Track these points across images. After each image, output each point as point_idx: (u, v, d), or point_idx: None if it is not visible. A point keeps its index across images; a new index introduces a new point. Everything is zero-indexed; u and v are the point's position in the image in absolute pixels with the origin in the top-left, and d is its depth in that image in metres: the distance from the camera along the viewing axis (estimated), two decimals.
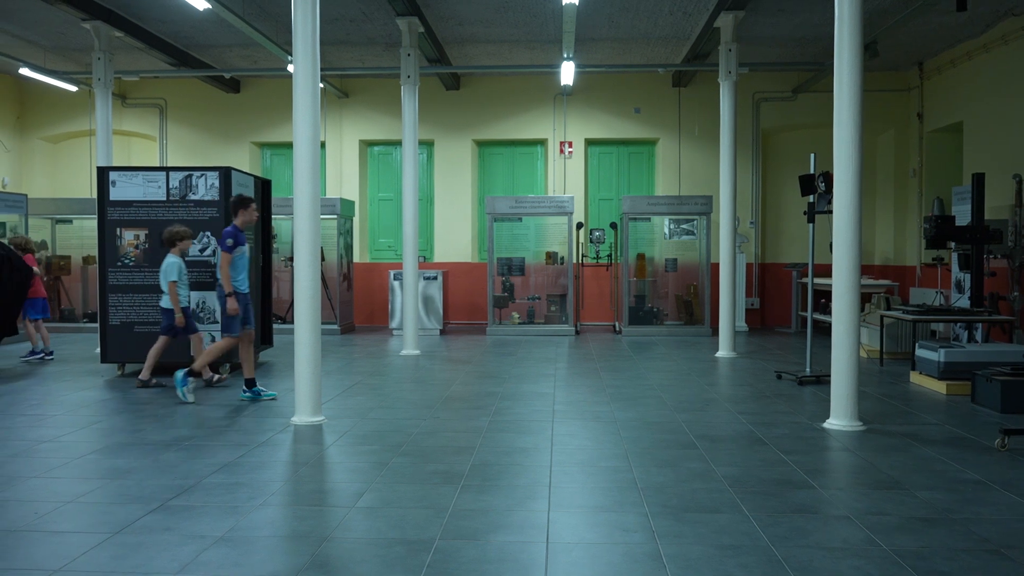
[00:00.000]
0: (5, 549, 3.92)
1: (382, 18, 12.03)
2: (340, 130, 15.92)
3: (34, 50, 13.82)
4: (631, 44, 13.54)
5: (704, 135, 15.44)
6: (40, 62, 14.18)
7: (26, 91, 16.26)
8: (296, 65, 6.87)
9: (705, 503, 4.64)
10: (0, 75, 15.09)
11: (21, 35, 13.01)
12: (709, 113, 15.08)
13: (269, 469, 5.38)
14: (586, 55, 14.18)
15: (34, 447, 5.97)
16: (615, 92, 15.61)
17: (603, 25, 12.46)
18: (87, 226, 15.03)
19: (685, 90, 15.53)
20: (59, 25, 12.39)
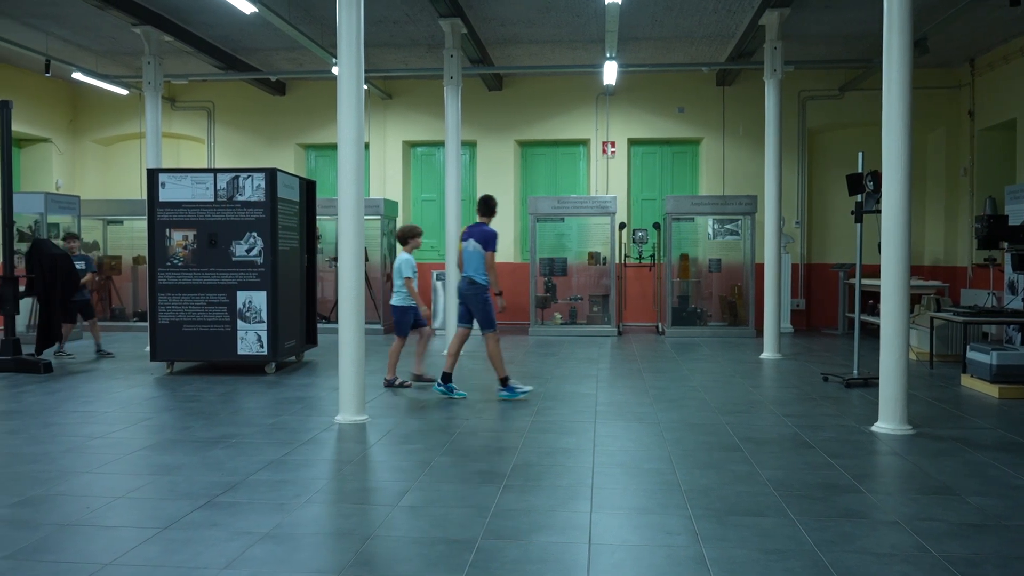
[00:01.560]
0: (59, 542, 4.01)
1: (425, 20, 12.09)
2: (384, 131, 16.04)
3: (86, 55, 14.14)
4: (674, 43, 13.45)
5: (749, 134, 15.28)
6: (92, 67, 14.50)
7: (79, 95, 16.64)
8: (340, 67, 6.94)
9: (749, 506, 4.59)
10: (54, 80, 15.46)
11: (74, 40, 13.33)
12: (754, 112, 14.92)
13: (314, 467, 5.44)
14: (629, 54, 14.12)
15: (86, 443, 6.11)
16: (658, 91, 15.52)
17: (646, 24, 12.39)
18: (137, 227, 15.33)
19: (729, 89, 15.38)
20: (110, 30, 12.66)
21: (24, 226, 13.37)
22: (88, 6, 11.16)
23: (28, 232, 13.38)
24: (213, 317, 9.41)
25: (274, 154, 16.19)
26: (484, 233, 8.07)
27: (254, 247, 9.37)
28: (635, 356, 11.25)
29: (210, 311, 9.42)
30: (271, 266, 9.35)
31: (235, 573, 3.62)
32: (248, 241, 9.37)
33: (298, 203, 10.27)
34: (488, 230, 8.09)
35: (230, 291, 9.39)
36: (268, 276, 9.36)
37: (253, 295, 9.41)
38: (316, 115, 16.15)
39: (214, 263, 9.40)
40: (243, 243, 9.37)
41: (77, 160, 16.81)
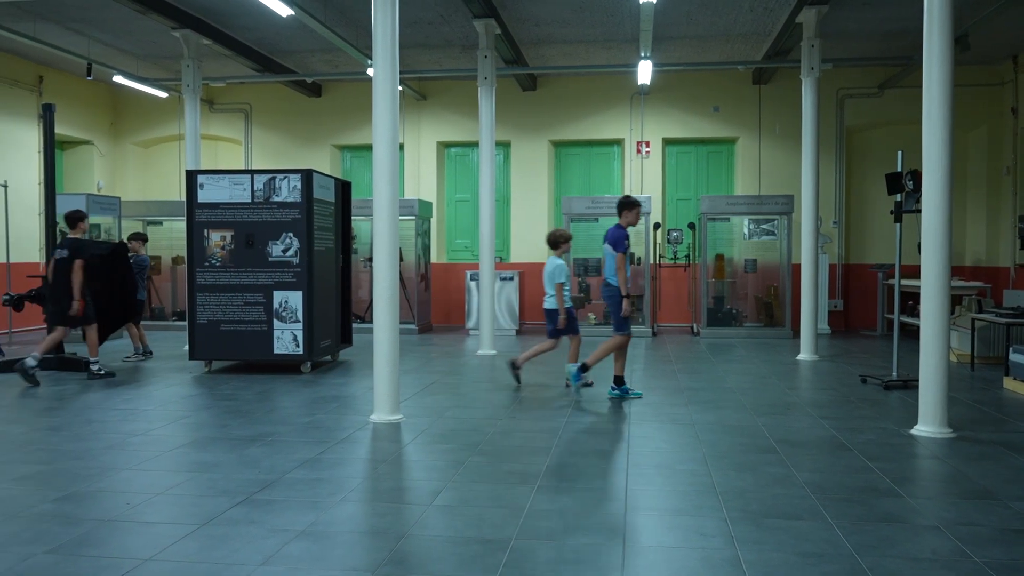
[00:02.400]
0: (100, 537, 4.08)
1: (459, 20, 12.13)
2: (418, 132, 16.12)
3: (127, 58, 14.37)
4: (710, 42, 13.35)
5: (785, 133, 15.12)
6: (133, 70, 14.74)
7: (120, 98, 16.92)
8: (376, 69, 6.99)
9: (786, 509, 4.54)
10: (96, 83, 15.74)
11: (115, 44, 13.56)
12: (791, 111, 14.76)
13: (349, 466, 5.48)
14: (664, 54, 14.04)
15: (127, 440, 6.21)
16: (693, 91, 15.42)
17: (681, 23, 12.32)
18: (176, 227, 15.56)
19: (766, 87, 15.24)
20: (150, 34, 12.86)
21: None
22: (129, 10, 11.35)
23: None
24: (250, 317, 9.52)
25: (310, 155, 16.34)
26: (613, 235, 8.02)
27: (290, 247, 9.46)
28: (669, 357, 11.18)
29: (247, 311, 9.53)
30: (307, 266, 9.44)
31: (271, 570, 3.66)
32: (284, 241, 9.47)
33: (333, 204, 10.35)
34: (617, 231, 8.02)
35: (266, 291, 9.49)
36: (304, 276, 9.45)
37: (289, 295, 9.50)
38: (351, 116, 16.27)
39: (251, 263, 9.51)
40: (279, 243, 9.46)
41: (118, 162, 17.09)
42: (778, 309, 14.28)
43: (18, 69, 14.36)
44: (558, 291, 8.45)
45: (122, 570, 3.66)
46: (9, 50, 13.83)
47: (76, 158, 16.49)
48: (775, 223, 14.53)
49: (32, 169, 14.56)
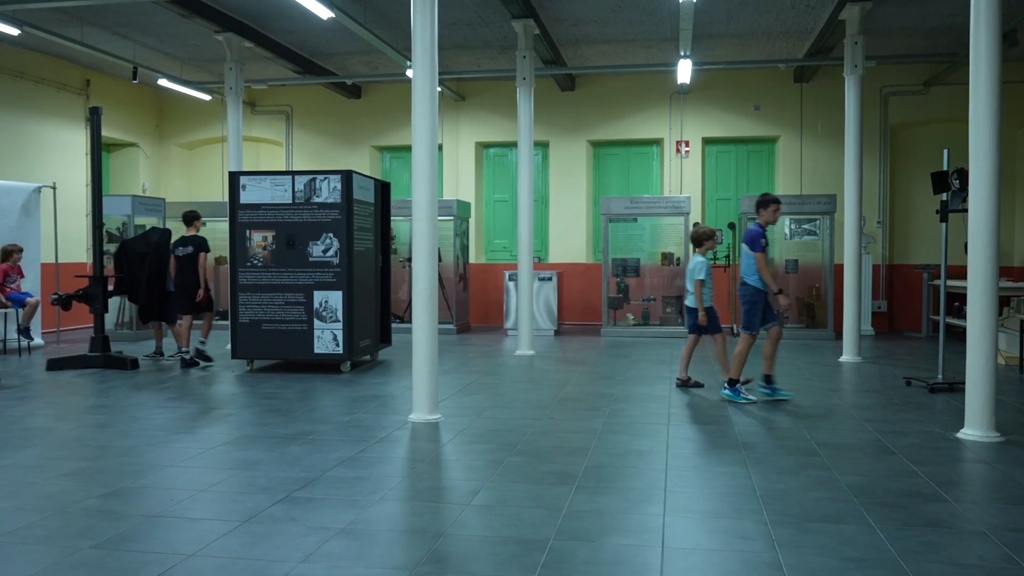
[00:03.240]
0: (145, 533, 4.16)
1: (498, 21, 12.15)
2: (457, 133, 16.17)
3: (172, 62, 14.61)
4: (750, 40, 13.22)
5: (828, 132, 14.92)
6: (177, 73, 14.98)
7: (164, 101, 17.21)
8: (415, 70, 7.02)
9: (828, 513, 4.48)
10: (141, 87, 16.02)
11: (160, 48, 13.79)
12: (833, 109, 14.55)
13: (388, 465, 5.51)
14: (703, 52, 13.93)
15: (171, 437, 6.31)
16: (733, 89, 15.28)
17: (721, 21, 12.21)
18: (219, 228, 15.76)
19: (807, 86, 15.05)
20: (194, 38, 13.06)
21: (113, 227, 13.88)
22: (173, 15, 11.54)
23: (116, 233, 13.89)
24: (291, 316, 9.63)
25: (350, 156, 16.48)
26: (749, 234, 7.91)
27: (330, 248, 9.55)
28: (709, 358, 11.09)
29: (288, 310, 9.64)
30: (347, 266, 9.52)
31: (311, 567, 3.70)
32: (325, 242, 9.56)
33: (373, 204, 10.43)
34: (752, 229, 7.91)
35: (307, 291, 9.59)
36: (344, 276, 9.53)
37: (329, 295, 9.58)
38: (391, 117, 16.37)
39: (292, 263, 9.62)
40: (320, 244, 9.56)
41: (162, 163, 17.39)
42: (820, 310, 14.09)
43: (66, 73, 14.67)
44: (697, 289, 8.36)
45: (166, 565, 3.72)
46: (58, 55, 14.14)
47: (122, 160, 16.80)
48: (817, 223, 14.34)
49: (79, 171, 14.86)
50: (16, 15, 10.98)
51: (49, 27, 11.85)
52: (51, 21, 11.97)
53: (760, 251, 7.79)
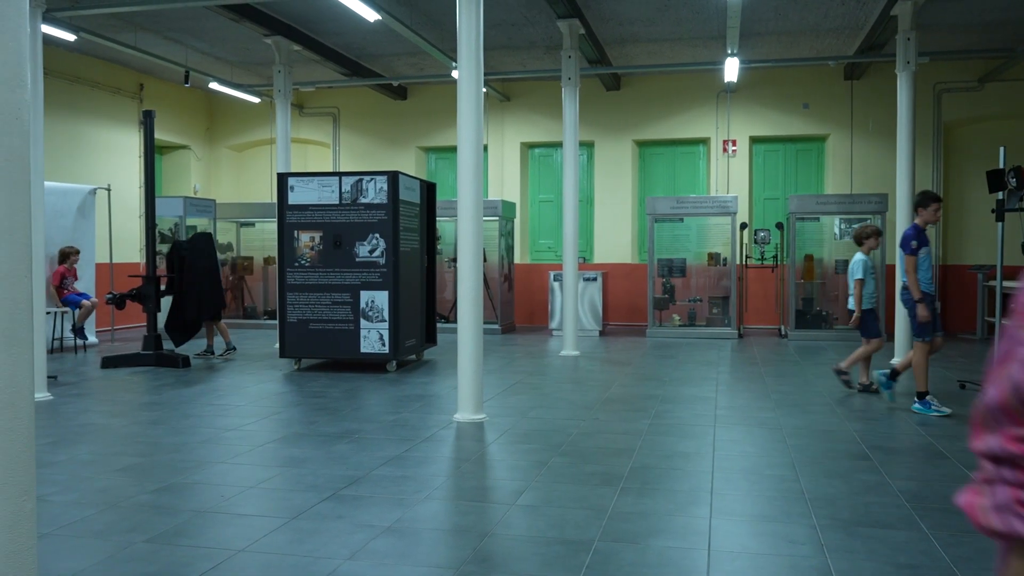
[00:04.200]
0: (196, 528, 4.23)
1: (543, 21, 12.14)
2: (502, 133, 16.21)
3: (222, 66, 14.87)
4: (799, 37, 13.04)
5: (879, 130, 14.65)
6: (227, 77, 15.23)
7: (215, 104, 17.51)
8: (460, 71, 7.05)
9: (879, 518, 4.40)
10: (193, 90, 16.32)
11: (211, 52, 14.04)
12: (885, 106, 14.29)
13: (433, 464, 5.54)
14: (751, 50, 13.78)
15: (220, 434, 6.42)
16: (781, 87, 15.08)
17: (769, 19, 12.06)
18: (268, 229, 16.00)
19: (858, 83, 14.80)
20: (244, 41, 13.27)
21: (165, 228, 14.16)
22: (224, 19, 11.73)
23: (169, 234, 14.16)
24: (338, 316, 9.73)
25: (396, 157, 16.60)
26: (904, 235, 7.51)
27: (377, 248, 9.63)
28: (756, 359, 10.97)
29: (335, 310, 9.74)
30: (393, 267, 9.59)
31: (358, 564, 3.73)
32: (371, 242, 9.64)
33: (419, 205, 10.49)
34: (908, 231, 7.47)
35: (354, 291, 9.68)
36: (390, 276, 9.60)
37: (375, 295, 9.67)
38: (436, 118, 16.46)
39: (339, 264, 9.72)
40: (366, 244, 9.64)
41: (213, 165, 17.69)
42: None
43: (121, 78, 15.01)
44: (856, 289, 8.08)
45: (216, 560, 3.78)
46: (112, 59, 14.47)
47: (174, 162, 17.14)
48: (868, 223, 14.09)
49: (133, 173, 15.19)
50: (72, 21, 11.25)
51: (104, 32, 12.12)
52: (106, 27, 12.25)
53: (910, 253, 7.29)
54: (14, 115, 2.53)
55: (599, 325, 14.36)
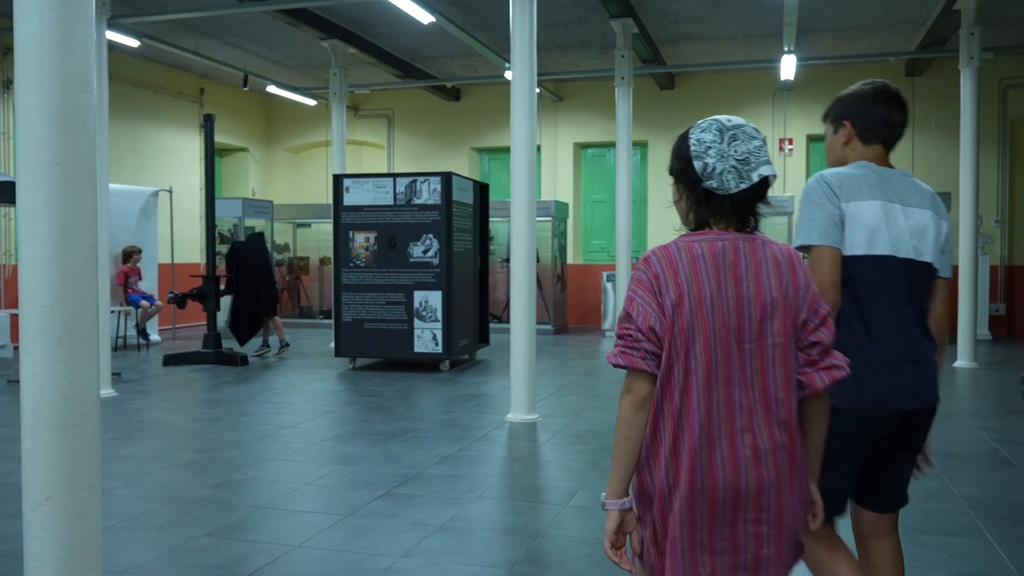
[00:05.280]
0: (254, 524, 4.31)
1: (596, 21, 12.10)
2: (555, 133, 16.19)
3: (279, 69, 15.12)
4: (858, 33, 12.79)
5: (941, 127, 14.29)
6: (284, 80, 15.49)
7: (272, 107, 17.82)
8: (513, 71, 7.07)
9: (942, 525, 4.29)
10: (251, 93, 16.63)
11: (269, 56, 14.29)
12: (947, 103, 13.93)
13: (486, 463, 5.56)
14: (808, 47, 13.55)
15: (277, 432, 6.53)
16: (840, 84, 14.61)
17: (827, 15, 11.85)
18: (323, 230, 16.23)
19: (919, 79, 14.46)
20: (301, 45, 13.48)
21: (224, 229, 14.45)
22: (282, 24, 11.93)
23: (228, 235, 14.44)
24: (392, 316, 9.82)
25: (449, 158, 16.69)
26: None
27: (430, 248, 9.70)
28: None
29: (389, 310, 9.84)
30: (446, 267, 9.65)
31: (411, 562, 3.76)
32: (425, 243, 9.71)
33: (472, 205, 10.54)
34: None
35: (407, 291, 9.76)
36: (443, 276, 9.66)
37: (429, 295, 9.73)
38: (489, 119, 16.51)
39: (393, 264, 9.81)
40: (420, 244, 9.72)
41: (270, 167, 18.00)
42: None
43: (182, 82, 15.35)
44: None
45: (274, 555, 3.85)
46: (174, 65, 14.81)
47: (233, 164, 17.48)
48: None
49: (194, 175, 15.52)
50: (136, 27, 11.55)
51: (166, 38, 12.42)
52: (168, 32, 12.55)
53: None
54: (81, 119, 2.60)
55: None
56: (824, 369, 1.90)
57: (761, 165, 1.96)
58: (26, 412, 2.57)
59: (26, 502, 2.57)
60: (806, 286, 1.92)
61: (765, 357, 1.86)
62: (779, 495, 1.86)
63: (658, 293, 1.89)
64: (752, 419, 1.85)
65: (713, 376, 1.84)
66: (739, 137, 1.99)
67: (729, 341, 1.85)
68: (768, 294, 1.87)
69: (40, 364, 2.56)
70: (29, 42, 2.53)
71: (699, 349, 1.84)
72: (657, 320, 1.87)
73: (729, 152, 1.98)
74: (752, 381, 1.86)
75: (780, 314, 1.87)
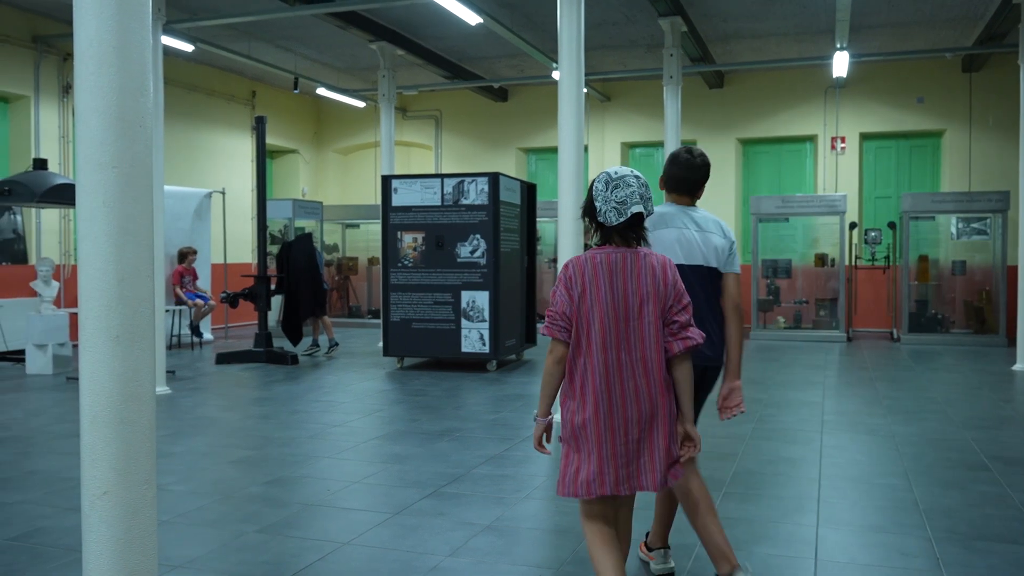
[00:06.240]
0: (304, 520, 4.37)
1: (644, 20, 12.03)
2: (602, 133, 16.13)
3: (329, 72, 15.29)
4: (913, 28, 12.53)
5: (1000, 124, 13.93)
6: (334, 82, 15.66)
7: (322, 109, 18.03)
8: (561, 71, 7.06)
9: (1000, 531, 4.18)
10: (301, 96, 16.85)
11: (318, 59, 14.47)
12: (1006, 100, 13.57)
13: (533, 463, 5.56)
14: (861, 43, 13.31)
15: (327, 430, 6.61)
16: (894, 81, 14.51)
17: (881, 10, 11.63)
18: (372, 230, 16.39)
19: (977, 75, 14.11)
20: (350, 48, 13.62)
21: (275, 230, 14.66)
22: (331, 27, 12.07)
23: (279, 235, 14.66)
24: (439, 316, 9.87)
25: (496, 158, 16.73)
26: None
27: (478, 249, 9.73)
28: (866, 364, 10.59)
29: (436, 310, 9.89)
30: (493, 267, 9.67)
31: (459, 561, 3.78)
32: (472, 243, 9.75)
33: (519, 206, 10.55)
34: None
35: (455, 291, 9.81)
36: (490, 277, 9.69)
37: (476, 295, 9.76)
38: (537, 120, 16.52)
39: (440, 264, 9.86)
40: (467, 245, 9.75)
41: (320, 169, 18.22)
42: (990, 315, 13.18)
43: (235, 85, 15.62)
44: None
45: (323, 552, 3.89)
46: (227, 68, 15.07)
47: (284, 166, 17.73)
48: (987, 222, 13.42)
49: (246, 177, 15.78)
50: (190, 32, 11.78)
51: (219, 42, 12.65)
52: (221, 37, 12.78)
53: None
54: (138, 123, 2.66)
55: None
56: (680, 339, 2.80)
57: (633, 205, 2.78)
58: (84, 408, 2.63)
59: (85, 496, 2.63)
60: (673, 283, 2.82)
61: (643, 331, 2.78)
62: (652, 421, 2.82)
63: (570, 288, 2.80)
64: (634, 372, 2.78)
65: (608, 343, 2.76)
66: (620, 186, 2.80)
67: (618, 320, 2.77)
68: (644, 289, 2.79)
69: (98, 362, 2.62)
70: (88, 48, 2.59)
71: (596, 325, 2.76)
72: (568, 307, 2.80)
73: (611, 198, 2.79)
74: (634, 347, 2.78)
75: (652, 302, 2.78)
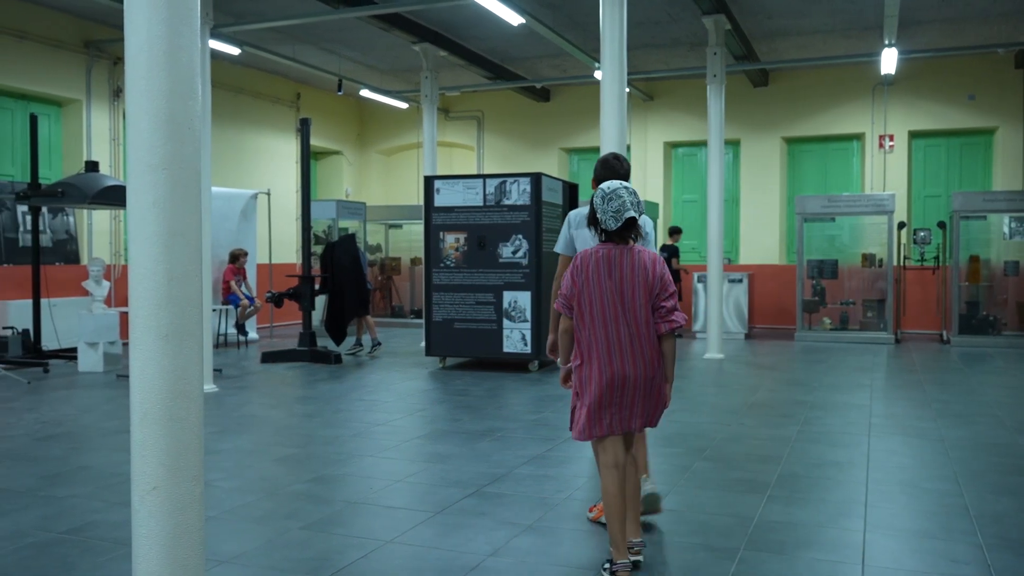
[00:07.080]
0: (347, 518, 4.41)
1: (687, 18, 11.94)
2: (645, 133, 16.04)
3: (372, 73, 15.42)
4: (964, 24, 12.26)
5: None
6: (377, 84, 15.79)
7: (365, 110, 18.19)
8: (603, 71, 7.03)
9: None
10: (345, 97, 17.02)
11: (362, 61, 14.59)
12: None
13: (574, 464, 5.55)
14: (910, 40, 13.06)
15: (370, 429, 6.66)
16: (944, 78, 14.22)
17: (931, 5, 11.40)
18: (414, 230, 16.48)
19: None
20: (393, 49, 13.72)
21: (320, 230, 14.82)
22: (375, 29, 12.17)
23: (323, 236, 14.81)
24: (481, 316, 9.90)
25: (538, 159, 16.73)
26: None
27: (520, 249, 9.74)
28: (915, 366, 10.39)
29: (478, 310, 9.92)
30: (535, 267, 9.67)
31: (500, 561, 3.78)
32: (514, 243, 9.75)
33: (561, 206, 10.53)
34: None
35: (497, 291, 9.82)
36: (532, 277, 9.69)
37: (518, 295, 9.77)
38: (579, 120, 16.48)
39: (483, 264, 9.89)
40: (509, 245, 9.76)
41: (363, 170, 18.38)
42: None
43: (280, 88, 15.82)
44: None
45: (366, 549, 3.93)
46: (272, 71, 15.28)
47: (328, 167, 17.91)
48: None
49: (290, 178, 15.98)
50: (236, 36, 11.95)
51: (265, 45, 12.82)
52: (266, 40, 12.95)
53: None
54: (187, 125, 2.71)
55: (744, 328, 13.99)
56: (666, 321, 3.49)
57: (626, 212, 3.45)
58: (135, 405, 2.69)
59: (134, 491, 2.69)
60: (660, 276, 3.51)
61: (635, 312, 3.49)
62: (645, 381, 3.52)
63: (576, 276, 3.55)
64: (631, 343, 3.49)
65: (608, 319, 3.50)
66: (613, 198, 3.46)
67: (616, 303, 3.50)
68: (636, 279, 3.49)
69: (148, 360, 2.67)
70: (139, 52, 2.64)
71: (597, 305, 3.51)
72: (571, 290, 3.57)
73: (608, 209, 3.47)
74: (630, 324, 3.49)
75: (643, 289, 3.49)
